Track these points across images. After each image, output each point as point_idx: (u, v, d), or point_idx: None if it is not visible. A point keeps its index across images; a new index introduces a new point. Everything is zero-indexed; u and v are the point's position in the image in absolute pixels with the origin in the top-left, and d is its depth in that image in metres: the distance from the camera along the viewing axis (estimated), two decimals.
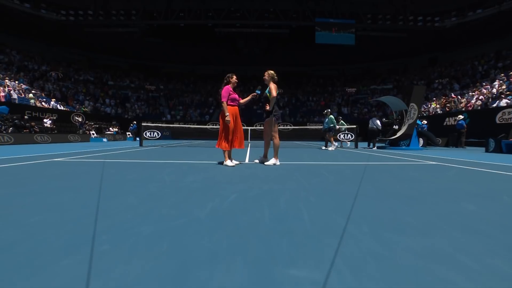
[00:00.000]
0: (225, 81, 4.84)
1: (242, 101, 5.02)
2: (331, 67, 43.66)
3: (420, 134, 12.35)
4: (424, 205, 2.20)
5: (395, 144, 11.26)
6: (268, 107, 4.82)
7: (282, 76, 35.72)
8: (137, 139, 14.81)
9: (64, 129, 18.68)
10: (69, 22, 30.07)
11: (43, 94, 23.59)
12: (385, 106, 32.63)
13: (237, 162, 4.97)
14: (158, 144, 14.65)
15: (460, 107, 17.96)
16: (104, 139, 18.78)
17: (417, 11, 29.54)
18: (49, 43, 34.30)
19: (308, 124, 32.84)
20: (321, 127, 11.67)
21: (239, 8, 29.91)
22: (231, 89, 4.80)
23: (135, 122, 25.00)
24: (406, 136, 10.71)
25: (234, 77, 4.86)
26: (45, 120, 17.14)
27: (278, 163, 4.87)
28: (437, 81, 30.28)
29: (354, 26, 31.23)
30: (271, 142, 5.09)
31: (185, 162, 5.39)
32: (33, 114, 17.69)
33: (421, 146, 12.06)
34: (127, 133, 24.77)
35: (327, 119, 11.04)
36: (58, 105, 22.33)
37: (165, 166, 4.53)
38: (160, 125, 16.06)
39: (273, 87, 4.76)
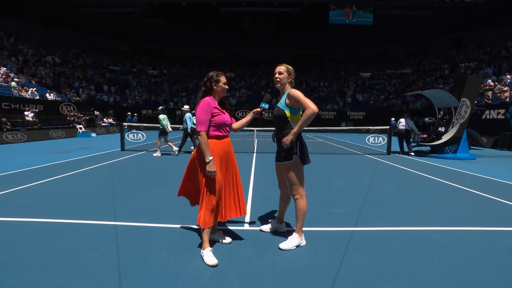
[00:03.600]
0: (203, 88, 2.47)
1: (236, 125, 2.70)
2: (344, 49, 40.55)
3: None
4: None
5: (438, 150, 8.88)
6: (291, 134, 2.40)
7: (291, 59, 32.83)
8: (128, 135, 12.90)
9: (51, 122, 16.77)
10: (64, 2, 27.93)
11: (33, 82, 21.65)
12: (405, 92, 29.73)
13: (228, 241, 2.65)
14: (145, 144, 12.68)
15: (503, 96, 15.24)
16: (93, 134, 16.82)
17: None
18: (46, 25, 32.32)
19: (320, 112, 30.42)
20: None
21: None
22: (217, 104, 2.46)
23: (129, 113, 23.03)
24: (455, 140, 8.32)
25: (223, 78, 2.47)
26: (26, 113, 15.21)
27: (303, 242, 2.60)
28: (462, 65, 27.20)
29: (373, 3, 28.01)
30: (291, 199, 2.73)
31: (137, 233, 3.02)
32: (13, 106, 15.73)
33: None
34: (124, 123, 22.84)
35: (187, 116, 8.43)
36: (47, 94, 20.40)
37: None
38: (146, 124, 14.02)
39: (300, 95, 2.38)
